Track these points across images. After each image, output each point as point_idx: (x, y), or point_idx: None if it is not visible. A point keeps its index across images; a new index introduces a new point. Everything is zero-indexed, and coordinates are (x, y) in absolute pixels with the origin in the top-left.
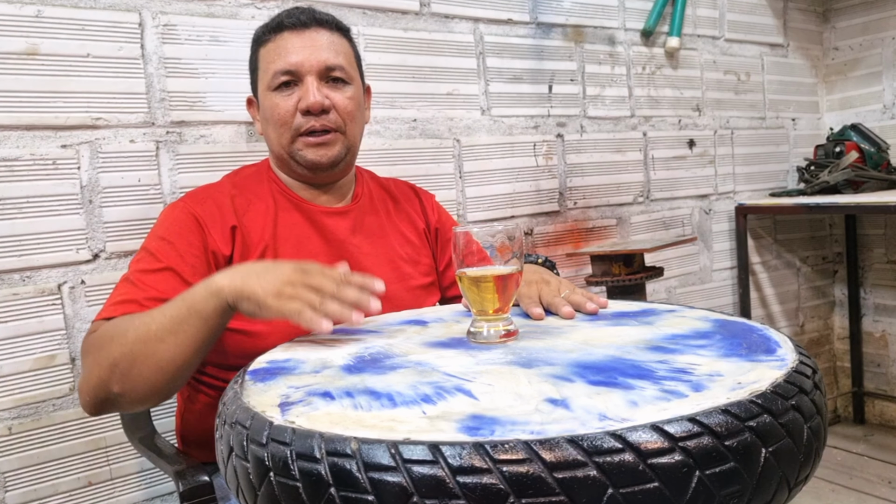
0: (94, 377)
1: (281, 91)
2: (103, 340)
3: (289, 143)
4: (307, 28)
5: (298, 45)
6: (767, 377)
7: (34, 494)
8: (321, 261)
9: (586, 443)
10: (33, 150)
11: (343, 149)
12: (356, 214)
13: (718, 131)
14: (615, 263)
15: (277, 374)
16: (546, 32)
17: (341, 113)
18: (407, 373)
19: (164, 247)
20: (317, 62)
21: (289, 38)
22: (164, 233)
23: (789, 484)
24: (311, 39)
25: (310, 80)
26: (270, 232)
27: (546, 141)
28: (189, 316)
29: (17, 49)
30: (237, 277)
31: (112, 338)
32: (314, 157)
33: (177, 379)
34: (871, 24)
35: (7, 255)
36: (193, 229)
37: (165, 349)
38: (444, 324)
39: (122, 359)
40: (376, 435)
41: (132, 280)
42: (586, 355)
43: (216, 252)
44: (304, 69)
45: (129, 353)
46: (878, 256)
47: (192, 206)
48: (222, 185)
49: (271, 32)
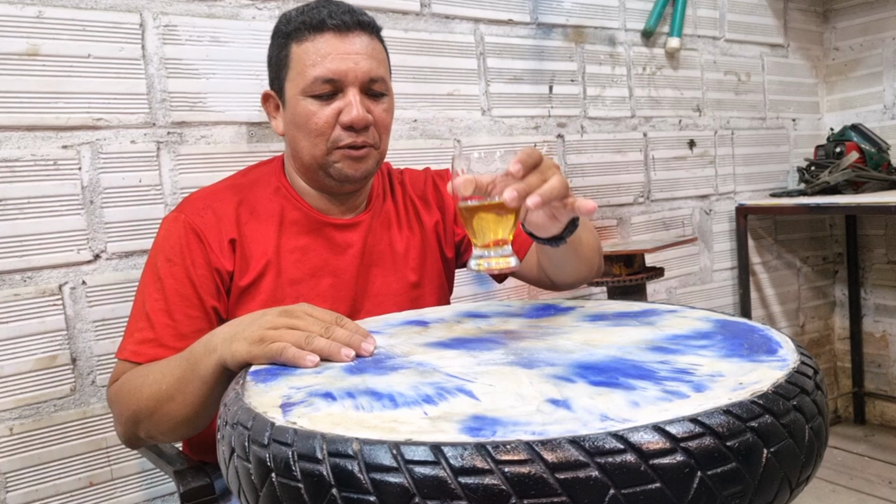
0: (121, 424)
1: (319, 99)
2: (124, 392)
3: (323, 154)
4: (350, 31)
5: (342, 52)
6: (769, 377)
7: (35, 495)
8: (326, 274)
9: (588, 443)
10: (34, 150)
11: (375, 163)
12: (367, 225)
13: (719, 132)
14: (616, 264)
15: (279, 374)
16: (546, 33)
17: (378, 128)
18: (408, 373)
19: (173, 271)
20: (362, 73)
21: (331, 41)
22: (170, 253)
23: (791, 484)
24: (354, 45)
25: (352, 93)
26: (273, 245)
27: (547, 141)
28: (191, 378)
29: (18, 50)
30: (228, 334)
31: (130, 392)
32: (350, 172)
33: (194, 427)
34: (872, 24)
35: (8, 255)
36: (194, 246)
37: (175, 408)
38: (445, 324)
39: (139, 413)
40: (378, 436)
41: (147, 314)
42: (588, 356)
43: (219, 269)
44: (347, 80)
45: (145, 409)
46: (878, 257)
47: (190, 218)
48: (225, 189)
49: (310, 30)
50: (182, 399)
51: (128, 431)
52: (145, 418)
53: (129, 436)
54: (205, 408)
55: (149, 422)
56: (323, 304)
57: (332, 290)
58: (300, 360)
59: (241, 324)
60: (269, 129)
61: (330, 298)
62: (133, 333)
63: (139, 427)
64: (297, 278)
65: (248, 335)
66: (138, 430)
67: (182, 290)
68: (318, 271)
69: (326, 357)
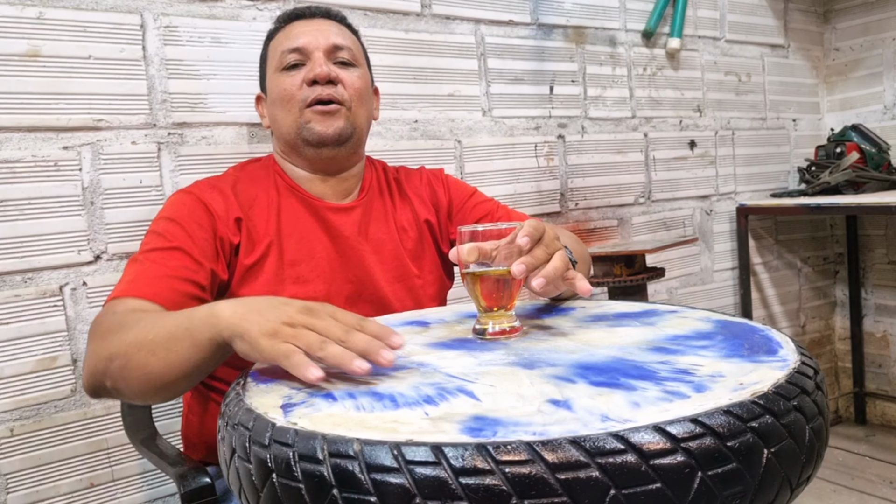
0: (91, 364)
1: (289, 71)
2: (108, 328)
3: (297, 118)
4: (316, 17)
5: (307, 30)
6: (769, 378)
7: (36, 496)
8: (325, 258)
9: (588, 444)
10: (35, 151)
11: (348, 125)
12: (362, 210)
13: (719, 132)
14: (617, 264)
15: (279, 375)
16: (547, 34)
17: (348, 88)
18: (409, 374)
19: (172, 227)
20: (324, 40)
21: (298, 25)
22: (173, 214)
23: (791, 484)
24: (320, 24)
25: (317, 55)
26: (275, 227)
27: (547, 142)
28: (184, 337)
29: (18, 51)
30: (238, 311)
31: (114, 330)
32: (320, 129)
33: (164, 393)
34: (872, 24)
35: (9, 256)
36: (202, 213)
37: (155, 363)
38: (445, 325)
39: (116, 357)
40: (379, 436)
41: (140, 260)
42: (588, 356)
43: (224, 238)
44: (311, 47)
45: (123, 354)
46: (879, 257)
47: (199, 195)
48: (226, 177)
49: (282, 23)
50: (165, 356)
51: (93, 375)
52: (119, 366)
53: (93, 381)
54: (183, 374)
55: (121, 371)
56: (322, 286)
57: (331, 272)
58: (302, 370)
59: (256, 306)
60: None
61: (329, 281)
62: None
63: (107, 374)
64: (296, 259)
65: (262, 322)
66: (105, 377)
67: (180, 243)
68: (316, 254)
69: (337, 367)
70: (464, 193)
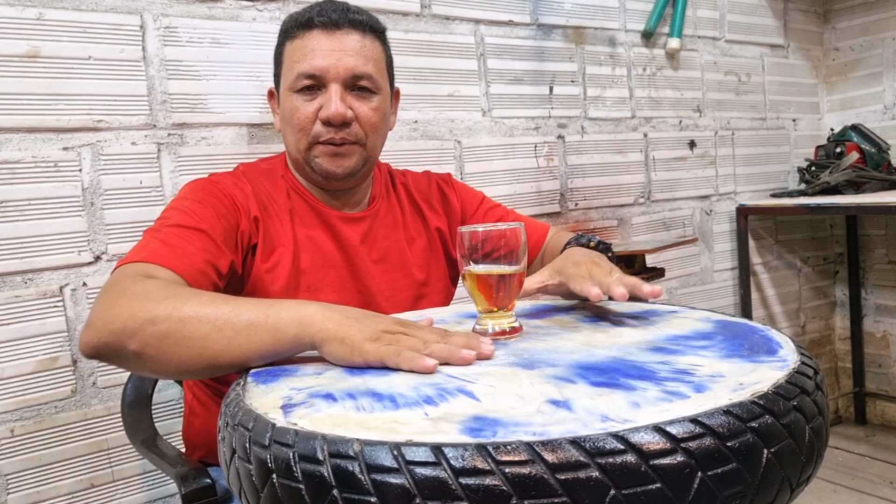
0: (119, 320)
1: (303, 94)
2: (148, 291)
3: (305, 149)
4: (338, 28)
5: (326, 48)
6: (769, 378)
7: (37, 496)
8: (334, 265)
9: (588, 444)
10: (35, 152)
11: (360, 161)
12: (370, 221)
13: (719, 132)
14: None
15: (280, 375)
16: (547, 34)
17: (363, 125)
18: (409, 374)
19: (199, 209)
20: (343, 69)
21: (317, 37)
22: (200, 197)
23: (791, 484)
24: (341, 42)
25: (334, 89)
26: (290, 234)
27: (547, 142)
28: (266, 327)
29: (18, 52)
30: (333, 317)
31: (159, 295)
32: (330, 167)
33: (207, 371)
34: (872, 24)
35: (9, 257)
36: (228, 204)
37: (219, 340)
38: (446, 325)
39: (161, 321)
40: (379, 437)
41: (163, 231)
42: (588, 356)
43: (245, 233)
44: (328, 76)
45: (176, 320)
46: (879, 257)
47: (225, 185)
48: (241, 175)
49: (300, 28)
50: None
51: (120, 332)
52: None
53: (113, 340)
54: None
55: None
56: (331, 295)
57: (339, 280)
58: (418, 362)
59: (350, 314)
60: (270, 131)
61: (338, 290)
62: (140, 247)
63: (138, 336)
64: (308, 268)
65: (363, 329)
66: (131, 339)
67: (204, 226)
68: (326, 262)
69: (445, 360)
70: (475, 199)
